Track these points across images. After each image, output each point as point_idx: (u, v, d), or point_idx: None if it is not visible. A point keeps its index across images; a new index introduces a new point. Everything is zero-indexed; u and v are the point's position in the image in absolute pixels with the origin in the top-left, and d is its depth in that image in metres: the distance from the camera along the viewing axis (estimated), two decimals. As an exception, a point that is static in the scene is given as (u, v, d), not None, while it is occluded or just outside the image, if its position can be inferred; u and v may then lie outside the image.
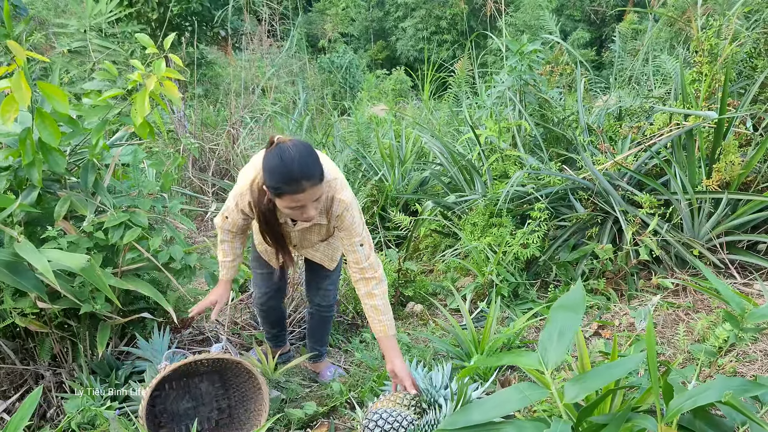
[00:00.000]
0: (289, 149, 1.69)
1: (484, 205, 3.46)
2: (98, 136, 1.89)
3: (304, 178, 1.70)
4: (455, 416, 1.25)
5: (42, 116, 1.69)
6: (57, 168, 1.83)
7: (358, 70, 14.67)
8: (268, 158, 1.72)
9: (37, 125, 1.69)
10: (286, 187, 1.71)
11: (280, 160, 1.69)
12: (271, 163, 1.71)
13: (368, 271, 2.04)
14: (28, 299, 1.91)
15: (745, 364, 2.32)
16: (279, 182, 1.71)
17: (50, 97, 1.67)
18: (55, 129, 1.72)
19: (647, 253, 2.90)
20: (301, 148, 1.72)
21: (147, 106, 1.76)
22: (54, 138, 1.72)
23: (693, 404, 1.14)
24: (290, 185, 1.70)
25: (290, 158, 1.68)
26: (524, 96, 3.94)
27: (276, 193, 1.74)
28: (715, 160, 3.12)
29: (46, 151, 1.79)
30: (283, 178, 1.70)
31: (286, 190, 1.72)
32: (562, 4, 15.29)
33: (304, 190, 1.72)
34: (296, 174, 1.68)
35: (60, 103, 1.68)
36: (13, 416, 1.37)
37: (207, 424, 2.22)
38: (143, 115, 1.77)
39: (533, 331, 2.92)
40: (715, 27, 3.38)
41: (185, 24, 6.66)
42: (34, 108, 1.68)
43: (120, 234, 1.91)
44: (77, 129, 1.91)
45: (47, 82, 1.69)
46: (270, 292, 2.45)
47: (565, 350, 1.21)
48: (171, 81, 1.82)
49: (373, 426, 1.85)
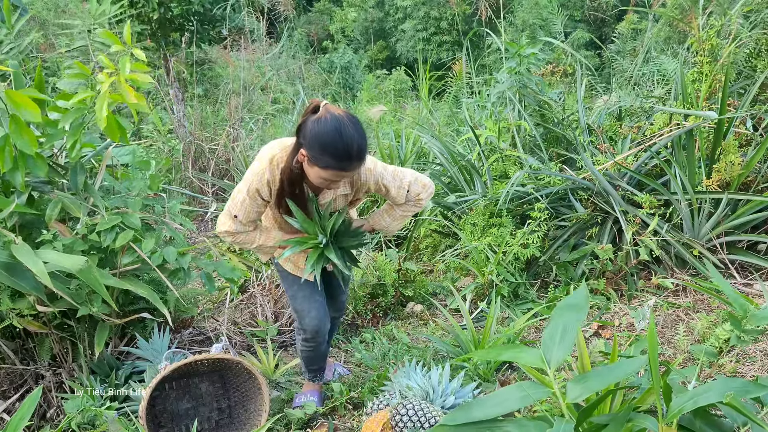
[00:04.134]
0: (347, 126, 1.62)
1: (484, 205, 3.46)
2: (74, 138, 1.85)
3: (357, 158, 1.66)
4: (455, 413, 1.25)
5: (17, 123, 1.65)
6: (39, 172, 1.79)
7: (358, 70, 14.67)
8: (322, 127, 1.62)
9: (12, 133, 1.65)
10: (337, 163, 1.65)
11: (339, 136, 1.61)
12: (327, 135, 1.62)
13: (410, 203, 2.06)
14: (26, 300, 1.91)
15: (745, 365, 2.32)
16: (331, 157, 1.64)
17: (18, 105, 1.61)
18: (30, 136, 1.67)
19: (647, 253, 2.90)
20: (358, 126, 1.66)
21: (105, 109, 1.70)
22: (30, 146, 1.67)
23: (694, 405, 1.14)
24: (342, 162, 1.65)
25: (350, 137, 1.62)
26: (523, 96, 3.94)
27: (321, 164, 1.67)
28: (715, 160, 3.12)
29: (25, 157, 1.75)
30: (339, 155, 1.64)
31: (335, 166, 1.66)
32: (562, 3, 15.29)
33: (353, 169, 1.70)
34: (353, 154, 1.64)
35: (29, 112, 1.62)
36: (13, 416, 1.37)
37: (207, 424, 2.22)
38: (104, 118, 1.71)
39: (533, 331, 2.92)
40: (716, 27, 3.38)
41: (187, 24, 6.66)
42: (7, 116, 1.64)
43: (112, 237, 1.89)
44: (57, 132, 1.87)
45: (15, 91, 1.63)
46: (320, 314, 2.12)
47: (568, 349, 1.21)
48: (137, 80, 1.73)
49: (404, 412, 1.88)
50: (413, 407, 1.89)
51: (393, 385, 2.14)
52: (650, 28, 5.36)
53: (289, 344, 2.95)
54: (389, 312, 3.26)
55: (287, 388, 2.43)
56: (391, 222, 2.12)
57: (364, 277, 3.23)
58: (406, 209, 2.08)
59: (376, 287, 3.22)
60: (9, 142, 1.69)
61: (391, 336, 2.89)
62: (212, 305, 3.12)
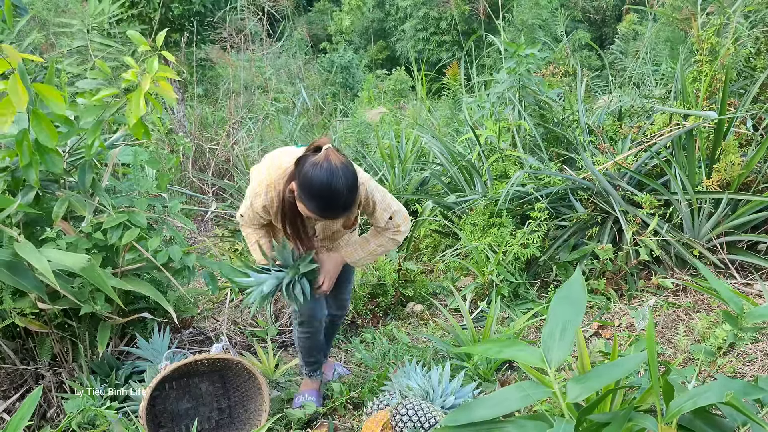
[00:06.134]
0: (339, 179, 1.63)
1: (484, 205, 3.46)
2: (94, 137, 1.87)
3: (343, 210, 1.69)
4: (456, 413, 1.25)
5: (38, 118, 1.67)
6: (54, 168, 1.82)
7: (358, 70, 14.68)
8: (316, 174, 1.64)
9: (34, 127, 1.67)
10: (321, 212, 1.69)
11: (328, 188, 1.63)
12: (317, 184, 1.64)
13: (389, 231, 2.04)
14: (27, 299, 1.91)
15: (745, 365, 2.32)
16: (316, 205, 1.67)
17: (46, 98, 1.64)
18: (51, 130, 1.70)
19: (647, 253, 2.90)
20: (351, 179, 1.67)
21: (143, 106, 1.74)
22: (51, 140, 1.70)
23: (693, 405, 1.14)
24: (325, 212, 1.69)
25: (339, 191, 1.63)
26: (523, 97, 3.94)
27: (307, 207, 1.71)
28: (715, 160, 3.12)
29: (43, 152, 1.77)
30: (323, 206, 1.67)
31: (318, 213, 1.70)
32: (562, 3, 15.29)
33: (336, 218, 1.74)
34: (338, 207, 1.67)
35: (56, 104, 1.65)
36: (13, 416, 1.37)
37: (207, 424, 2.22)
38: (138, 116, 1.74)
39: (533, 330, 2.92)
40: (716, 26, 3.38)
41: (187, 24, 6.66)
42: (29, 109, 1.66)
43: (119, 234, 1.90)
44: (73, 129, 1.89)
45: (43, 84, 1.67)
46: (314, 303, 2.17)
47: (568, 348, 1.20)
48: (165, 80, 1.79)
49: (404, 412, 1.88)
50: (413, 407, 1.89)
51: (393, 385, 2.14)
52: (650, 28, 5.36)
53: (289, 344, 2.95)
54: (389, 312, 3.26)
55: (287, 387, 2.43)
56: (364, 256, 2.08)
57: (364, 277, 3.23)
58: (381, 242, 2.05)
59: (376, 287, 3.22)
60: (27, 136, 1.70)
61: (391, 336, 2.89)
62: (212, 305, 3.13)
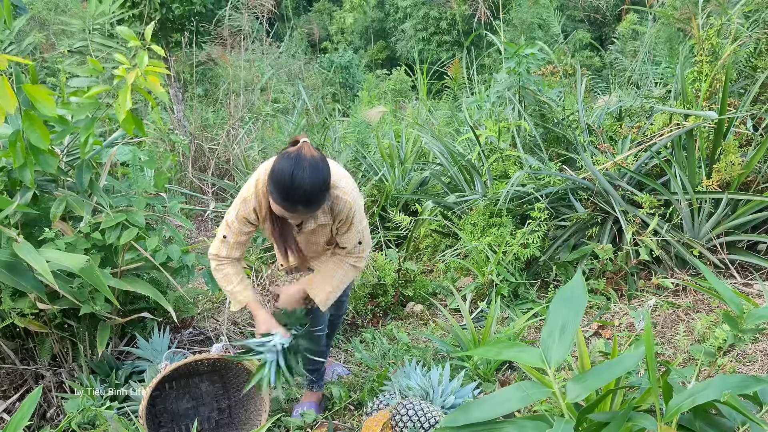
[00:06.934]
0: (304, 169, 1.62)
1: (484, 205, 3.46)
2: (87, 134, 1.86)
3: (302, 205, 1.67)
4: (456, 414, 1.25)
5: (30, 119, 1.66)
6: (49, 169, 1.80)
7: (358, 70, 14.68)
8: (282, 163, 1.64)
9: (26, 128, 1.66)
10: (282, 201, 1.67)
11: (290, 177, 1.61)
12: (280, 173, 1.64)
13: (352, 256, 2.00)
14: (27, 300, 1.91)
15: (744, 365, 2.32)
16: (278, 194, 1.66)
17: (35, 99, 1.63)
18: (43, 131, 1.69)
19: (647, 253, 2.90)
20: (316, 174, 1.64)
21: (129, 101, 1.72)
22: (43, 141, 1.69)
23: (692, 403, 1.14)
24: (285, 202, 1.67)
25: (300, 182, 1.62)
26: (523, 97, 3.94)
27: (272, 198, 1.71)
28: (715, 160, 3.12)
29: (37, 152, 1.76)
30: (283, 195, 1.66)
31: (280, 204, 1.69)
32: (562, 3, 15.29)
33: (298, 213, 1.71)
34: (297, 199, 1.65)
35: (45, 105, 1.64)
36: (13, 416, 1.37)
37: (207, 424, 2.22)
38: (125, 110, 1.73)
39: (533, 331, 2.92)
40: (716, 26, 3.38)
41: (188, 24, 6.65)
42: (22, 110, 1.65)
43: (117, 234, 1.90)
44: (68, 128, 1.88)
45: (32, 85, 1.65)
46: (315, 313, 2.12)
47: (568, 347, 1.20)
48: (155, 75, 1.76)
49: (404, 412, 1.88)
50: (413, 407, 1.89)
51: (393, 385, 2.14)
52: (650, 28, 5.36)
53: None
54: (389, 312, 3.26)
55: (287, 388, 2.43)
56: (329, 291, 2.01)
57: (364, 277, 3.23)
58: (345, 271, 2.01)
59: (376, 287, 3.22)
60: (20, 137, 1.70)
61: (391, 336, 2.89)
62: (212, 305, 3.12)
